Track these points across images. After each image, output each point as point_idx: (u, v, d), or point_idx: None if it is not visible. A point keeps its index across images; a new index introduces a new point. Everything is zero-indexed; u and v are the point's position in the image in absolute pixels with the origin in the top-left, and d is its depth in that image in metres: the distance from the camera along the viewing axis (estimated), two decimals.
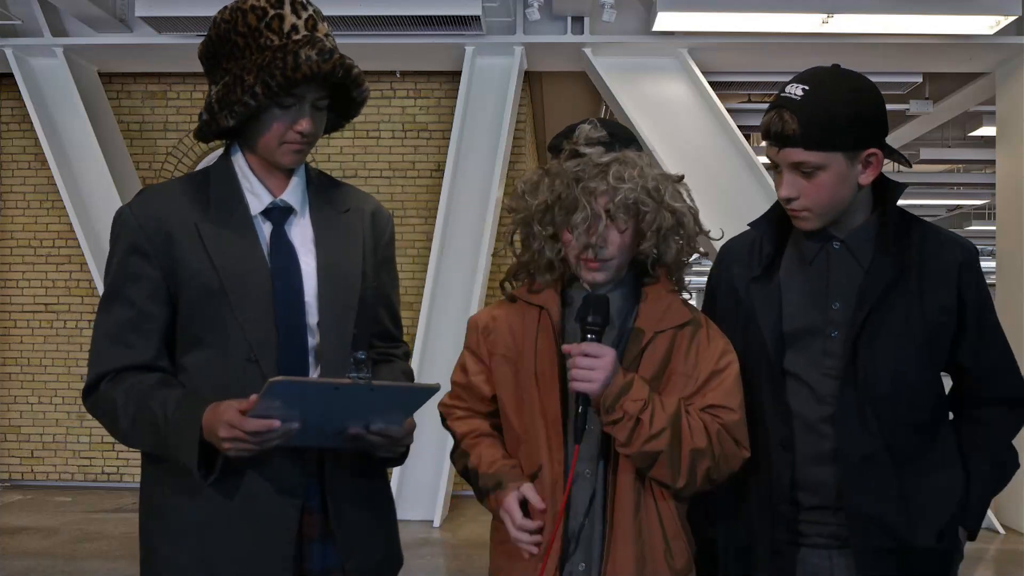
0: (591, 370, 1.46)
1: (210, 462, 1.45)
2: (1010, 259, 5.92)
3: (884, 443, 1.55)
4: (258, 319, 1.52)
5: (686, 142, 5.86)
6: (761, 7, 5.46)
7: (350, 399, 1.40)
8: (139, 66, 6.60)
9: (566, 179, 1.52)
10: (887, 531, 1.55)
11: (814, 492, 1.58)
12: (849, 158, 1.54)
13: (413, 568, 4.67)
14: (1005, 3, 5.40)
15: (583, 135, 1.54)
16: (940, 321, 1.58)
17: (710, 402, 1.54)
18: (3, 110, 6.94)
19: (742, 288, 1.65)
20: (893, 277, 1.56)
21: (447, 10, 5.47)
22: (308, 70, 1.49)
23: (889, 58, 6.05)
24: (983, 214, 13.67)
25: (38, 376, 6.90)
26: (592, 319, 1.48)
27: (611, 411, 1.47)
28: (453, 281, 5.90)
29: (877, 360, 1.55)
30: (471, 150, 5.99)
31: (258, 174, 1.61)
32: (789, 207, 1.58)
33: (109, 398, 1.51)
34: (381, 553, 1.64)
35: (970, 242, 1.67)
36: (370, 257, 1.66)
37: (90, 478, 6.88)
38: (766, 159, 1.74)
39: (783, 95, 1.54)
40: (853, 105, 1.53)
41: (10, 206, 6.95)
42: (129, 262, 1.54)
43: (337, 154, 6.75)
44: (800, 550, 1.60)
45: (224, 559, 1.50)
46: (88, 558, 4.87)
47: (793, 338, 1.60)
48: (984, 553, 5.30)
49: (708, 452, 1.50)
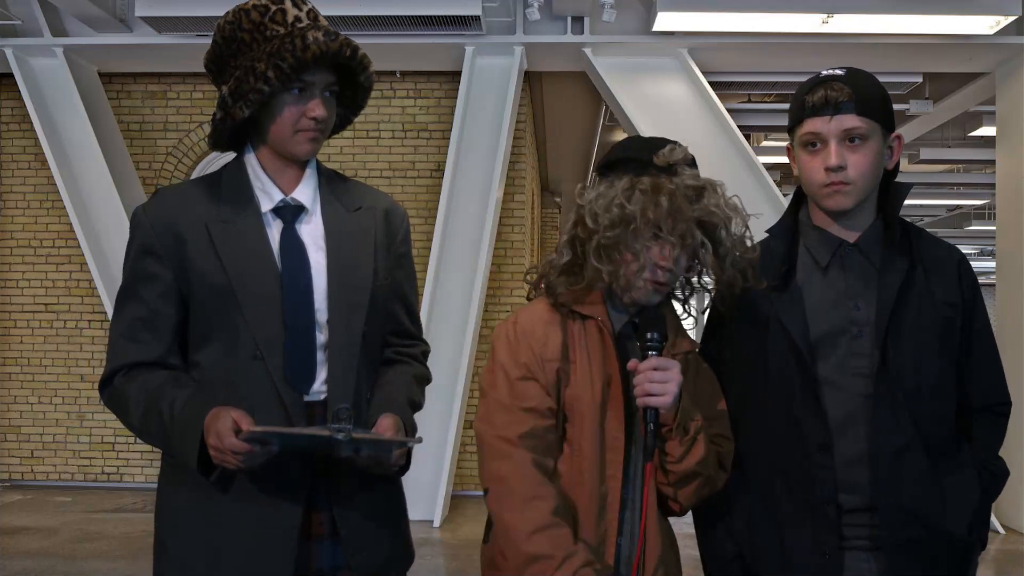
0: (664, 383, 1.45)
1: (212, 463, 1.47)
2: (1010, 259, 5.92)
3: (917, 436, 1.59)
4: (265, 317, 1.53)
5: (686, 142, 5.78)
6: (761, 7, 5.46)
7: (331, 445, 1.43)
8: (139, 66, 6.60)
9: (675, 197, 1.49)
10: (919, 521, 1.58)
11: (853, 492, 1.59)
12: (884, 136, 1.62)
13: (413, 568, 4.60)
14: (1005, 3, 5.40)
15: (678, 155, 1.53)
16: (948, 316, 1.64)
17: (716, 431, 1.58)
18: (3, 110, 6.94)
19: (762, 301, 1.66)
20: (906, 274, 1.62)
21: (447, 10, 5.47)
22: (317, 49, 1.51)
23: (889, 58, 6.04)
24: (983, 214, 13.68)
25: (38, 376, 6.90)
26: (652, 335, 1.48)
27: (680, 428, 1.48)
28: (453, 281, 5.90)
29: (904, 355, 1.60)
30: (471, 150, 5.99)
31: (270, 173, 1.62)
32: (833, 179, 1.60)
33: (122, 394, 1.56)
34: (389, 551, 1.65)
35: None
36: (382, 254, 1.67)
37: (90, 478, 6.87)
38: (768, 159, 1.75)
39: (826, 74, 1.62)
40: (883, 89, 1.64)
41: (10, 206, 6.95)
42: (142, 262, 1.58)
43: (337, 154, 6.75)
44: (844, 555, 1.60)
45: (228, 555, 1.52)
46: (88, 558, 4.87)
47: (820, 342, 1.62)
48: (984, 553, 5.29)
49: (714, 478, 1.57)
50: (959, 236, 16.06)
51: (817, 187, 1.63)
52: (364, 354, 1.61)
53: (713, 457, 1.54)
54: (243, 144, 1.65)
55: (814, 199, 1.66)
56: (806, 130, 1.62)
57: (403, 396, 1.65)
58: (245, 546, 1.51)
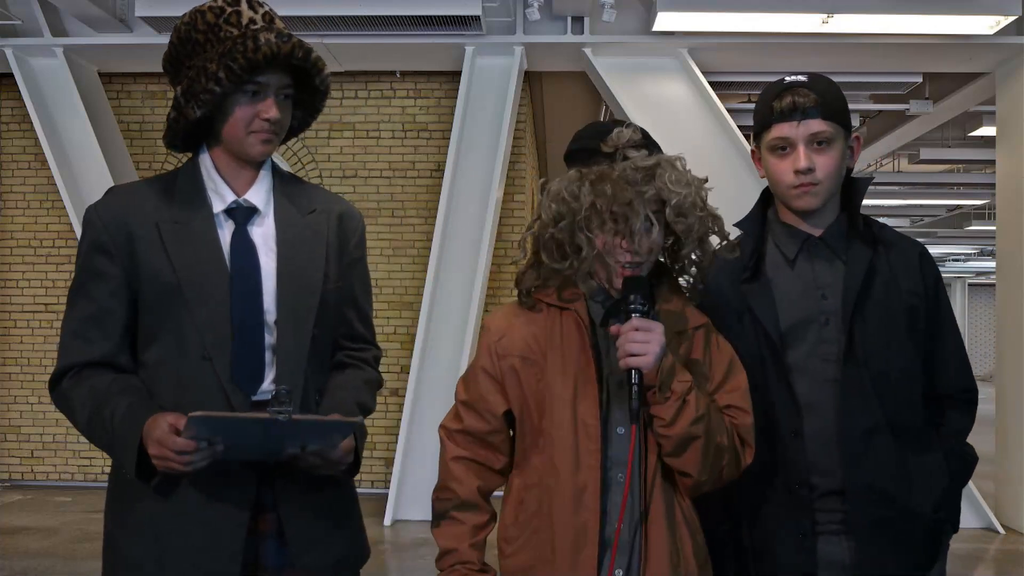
0: (646, 343, 1.44)
1: (152, 469, 1.47)
2: (1010, 259, 5.92)
3: (884, 418, 1.66)
4: (213, 317, 1.54)
5: (686, 142, 5.79)
6: (761, 7, 5.46)
7: (276, 430, 1.41)
8: (139, 66, 6.59)
9: (618, 183, 1.49)
10: (886, 499, 1.64)
11: (824, 474, 1.66)
12: (845, 137, 1.71)
13: (413, 568, 4.65)
14: (1005, 3, 5.40)
15: (624, 138, 1.53)
16: (912, 304, 1.72)
17: (726, 403, 1.57)
18: (3, 110, 6.94)
19: (732, 293, 1.73)
20: (870, 264, 1.70)
21: (447, 10, 5.47)
22: (269, 50, 1.52)
23: (889, 58, 6.05)
24: (983, 214, 13.67)
25: (38, 376, 6.89)
26: (633, 297, 1.48)
27: (664, 388, 1.47)
28: (453, 281, 5.90)
29: (870, 340, 1.67)
30: (471, 150, 5.99)
31: (223, 174, 1.63)
32: (803, 181, 1.67)
33: (69, 398, 1.57)
34: (339, 552, 1.64)
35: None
36: (334, 258, 1.67)
37: (90, 478, 6.87)
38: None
39: (790, 80, 1.70)
40: (842, 92, 1.72)
41: (10, 206, 6.95)
42: (92, 259, 1.59)
43: (337, 154, 6.75)
44: (818, 539, 1.66)
45: (175, 553, 1.52)
46: (88, 558, 4.86)
47: (791, 330, 1.70)
48: (984, 553, 5.31)
49: (730, 448, 1.53)
50: (959, 236, 16.06)
51: (786, 188, 1.71)
52: (313, 356, 1.61)
53: (719, 424, 1.52)
54: (198, 138, 1.65)
55: (784, 200, 1.74)
56: (775, 135, 1.69)
57: (352, 399, 1.65)
58: (193, 543, 1.52)
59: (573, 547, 1.49)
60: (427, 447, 5.80)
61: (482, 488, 1.61)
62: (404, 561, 4.66)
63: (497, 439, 1.62)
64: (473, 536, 1.58)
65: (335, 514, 1.65)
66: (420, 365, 5.74)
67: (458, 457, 1.61)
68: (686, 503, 1.58)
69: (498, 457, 1.63)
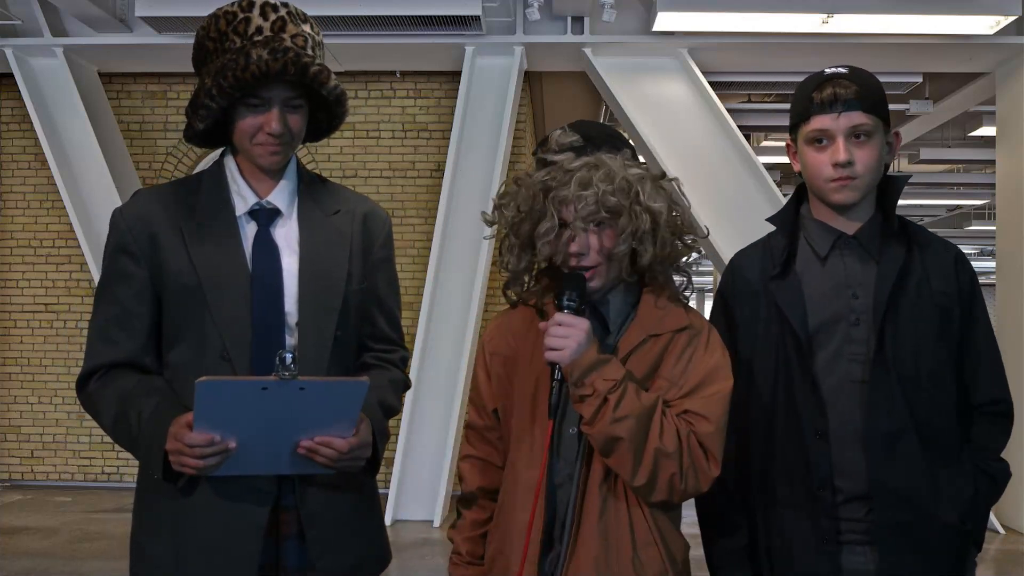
0: (565, 338, 1.45)
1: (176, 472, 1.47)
2: (1010, 259, 5.92)
3: (912, 422, 1.61)
4: (234, 318, 1.55)
5: (686, 142, 5.86)
6: (761, 7, 5.46)
7: (284, 401, 1.39)
8: (139, 66, 6.60)
9: (533, 190, 1.52)
10: (911, 504, 1.60)
11: (849, 477, 1.62)
12: (885, 132, 1.66)
13: (413, 568, 4.63)
14: (1005, 3, 5.40)
15: (553, 141, 1.54)
16: (945, 306, 1.66)
17: (687, 408, 1.49)
18: (3, 110, 6.94)
19: (761, 291, 1.70)
20: (904, 264, 1.65)
21: (447, 10, 5.47)
22: (256, 69, 1.51)
23: (889, 58, 6.04)
24: (983, 214, 13.68)
25: (38, 376, 6.90)
26: (567, 295, 1.49)
27: (579, 385, 1.45)
28: (453, 281, 5.90)
29: (901, 341, 1.63)
30: (471, 150, 6.00)
31: (246, 176, 1.64)
32: (841, 174, 1.63)
33: (95, 400, 1.58)
34: (360, 554, 1.65)
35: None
36: (358, 259, 1.67)
37: (90, 478, 6.88)
38: (768, 159, 1.77)
39: (831, 71, 1.65)
40: (882, 86, 1.67)
41: (10, 206, 6.95)
42: (117, 262, 1.60)
43: (337, 154, 6.76)
44: (842, 549, 1.62)
45: (194, 553, 1.53)
46: (88, 558, 4.87)
47: (819, 330, 1.66)
48: (984, 553, 5.30)
49: (676, 457, 1.45)
50: (959, 236, 16.06)
51: (824, 182, 1.66)
52: (335, 358, 1.61)
53: (663, 430, 1.45)
54: (217, 141, 1.67)
55: (820, 194, 1.69)
56: (814, 127, 1.64)
57: (375, 399, 1.64)
58: (210, 542, 1.53)
59: (519, 542, 1.52)
60: (427, 447, 5.80)
61: (484, 486, 1.67)
62: (404, 561, 4.65)
63: (493, 435, 1.66)
64: (470, 530, 1.67)
65: (357, 516, 1.65)
66: (420, 365, 5.74)
67: (466, 456, 1.71)
68: (642, 514, 1.50)
69: (498, 453, 1.66)
